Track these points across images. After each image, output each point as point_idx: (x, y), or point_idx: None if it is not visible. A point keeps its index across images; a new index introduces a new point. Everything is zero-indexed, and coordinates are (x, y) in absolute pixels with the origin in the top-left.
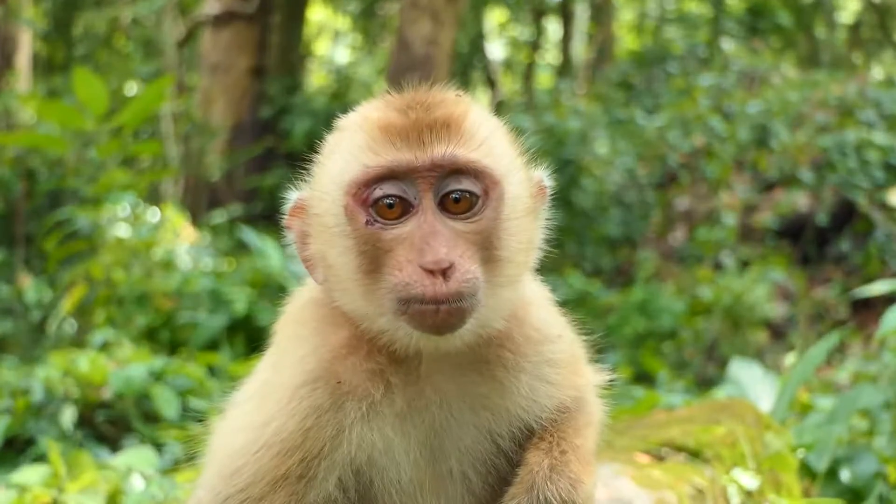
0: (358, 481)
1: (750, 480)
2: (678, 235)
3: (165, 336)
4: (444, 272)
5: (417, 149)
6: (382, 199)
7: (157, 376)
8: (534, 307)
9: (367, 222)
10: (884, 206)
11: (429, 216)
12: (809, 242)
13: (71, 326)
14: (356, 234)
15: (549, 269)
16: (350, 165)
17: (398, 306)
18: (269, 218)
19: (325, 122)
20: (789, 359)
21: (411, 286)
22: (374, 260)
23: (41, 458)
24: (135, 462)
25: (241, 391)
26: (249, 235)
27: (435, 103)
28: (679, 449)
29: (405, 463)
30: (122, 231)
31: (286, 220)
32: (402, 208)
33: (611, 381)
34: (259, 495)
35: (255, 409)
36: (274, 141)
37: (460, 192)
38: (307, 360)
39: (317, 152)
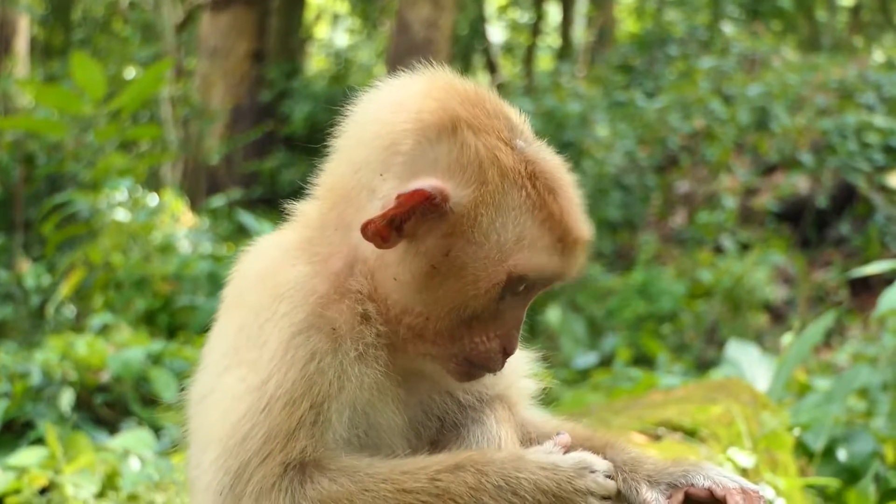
0: (365, 423)
1: (746, 459)
2: (678, 218)
3: (164, 320)
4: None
5: (574, 263)
6: (526, 290)
7: (156, 359)
8: None
9: (502, 298)
10: (884, 189)
11: (525, 308)
12: (809, 225)
13: (70, 311)
14: (483, 297)
15: None
16: (526, 253)
17: (461, 361)
18: (268, 202)
19: (324, 105)
20: (786, 339)
21: (488, 360)
22: (473, 316)
23: (39, 441)
24: (132, 444)
25: (205, 371)
26: (248, 219)
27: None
28: (675, 428)
29: (389, 408)
30: (121, 215)
31: (415, 192)
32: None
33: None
34: (279, 450)
35: (244, 378)
36: (273, 125)
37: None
38: (294, 314)
39: (322, 138)
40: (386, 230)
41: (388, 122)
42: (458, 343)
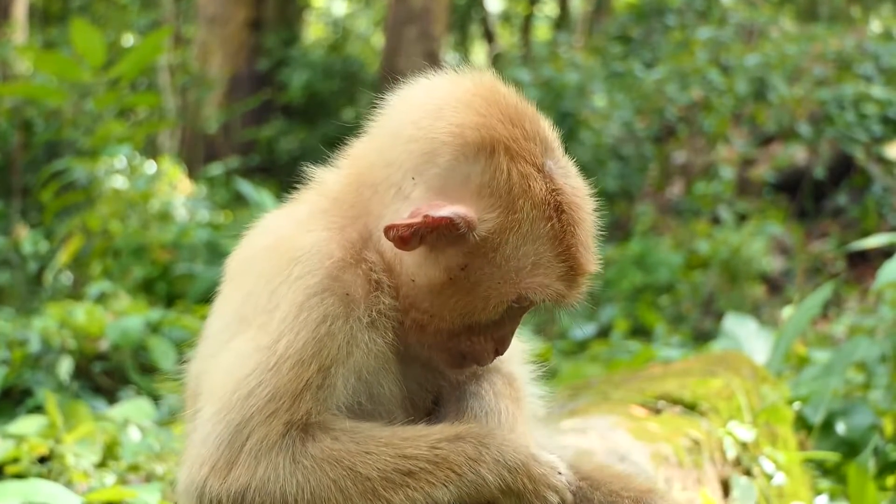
0: (367, 391)
1: (746, 433)
2: (675, 189)
3: (162, 288)
4: None
5: (579, 291)
6: (529, 305)
7: (154, 328)
8: None
9: (507, 312)
10: (881, 160)
11: (521, 317)
12: (807, 196)
13: (67, 278)
14: (490, 311)
15: None
16: (540, 278)
17: (455, 354)
18: (266, 170)
19: (322, 74)
20: (786, 312)
21: (480, 357)
22: (478, 325)
23: (38, 409)
24: (132, 413)
25: (209, 341)
26: (246, 187)
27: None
28: (675, 402)
29: (391, 378)
30: (119, 183)
31: (442, 219)
32: None
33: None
34: (285, 409)
35: (252, 338)
36: (271, 93)
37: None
38: (310, 276)
39: (320, 106)
40: (408, 238)
41: (427, 129)
42: (455, 340)
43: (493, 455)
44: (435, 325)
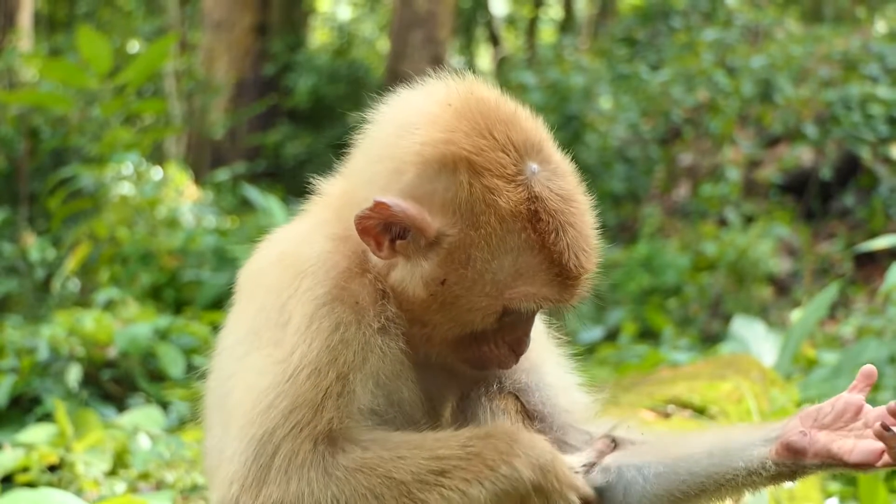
0: (386, 397)
1: None
2: (682, 191)
3: (170, 294)
4: None
5: (573, 294)
6: (526, 313)
7: (162, 335)
8: None
9: (502, 317)
10: (888, 161)
11: (532, 320)
12: (813, 197)
13: (75, 285)
14: (480, 323)
15: None
16: (523, 288)
17: (474, 363)
18: (272, 175)
19: (327, 78)
20: (794, 314)
21: (499, 363)
22: (481, 333)
23: (47, 417)
24: (141, 421)
25: (224, 356)
26: (253, 193)
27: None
28: (684, 405)
29: (409, 382)
30: (126, 189)
31: (382, 203)
32: None
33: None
34: (307, 422)
35: (269, 355)
36: (277, 98)
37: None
38: (318, 288)
39: (325, 111)
40: (377, 233)
41: (394, 147)
42: (466, 350)
43: (524, 450)
44: (439, 337)
